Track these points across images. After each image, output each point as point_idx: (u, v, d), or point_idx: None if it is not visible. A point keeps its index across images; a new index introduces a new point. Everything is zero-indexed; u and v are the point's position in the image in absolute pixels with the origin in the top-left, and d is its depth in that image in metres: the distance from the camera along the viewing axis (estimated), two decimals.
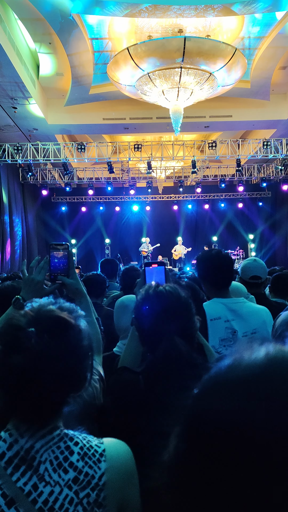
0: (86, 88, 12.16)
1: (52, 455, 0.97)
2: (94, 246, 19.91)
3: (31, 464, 0.95)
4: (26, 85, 10.84)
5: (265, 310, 2.46)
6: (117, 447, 1.09)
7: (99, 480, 0.99)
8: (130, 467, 1.08)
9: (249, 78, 12.02)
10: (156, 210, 19.86)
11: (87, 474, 0.98)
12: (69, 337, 1.01)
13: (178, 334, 1.39)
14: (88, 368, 1.06)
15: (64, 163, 14.81)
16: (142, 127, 14.63)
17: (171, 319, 1.42)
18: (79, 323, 1.06)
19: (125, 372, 1.53)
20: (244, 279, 3.33)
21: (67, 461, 0.98)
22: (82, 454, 1.00)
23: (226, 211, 19.92)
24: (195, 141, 16.59)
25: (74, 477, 0.97)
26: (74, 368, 1.01)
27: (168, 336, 1.38)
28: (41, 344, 0.96)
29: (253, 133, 16.62)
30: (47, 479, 0.95)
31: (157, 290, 1.50)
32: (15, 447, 0.96)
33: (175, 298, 1.48)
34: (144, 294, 1.53)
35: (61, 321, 1.02)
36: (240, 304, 2.42)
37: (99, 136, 16.41)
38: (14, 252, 15.70)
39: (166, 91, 10.65)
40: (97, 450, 1.03)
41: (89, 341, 1.07)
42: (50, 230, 19.70)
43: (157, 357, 1.36)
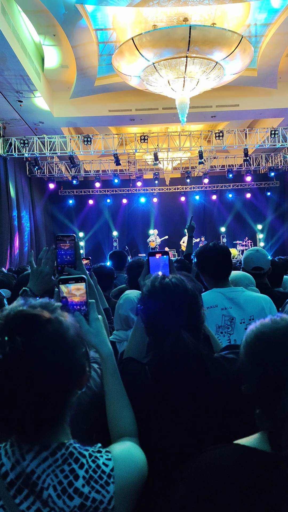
0: (91, 79, 12.09)
1: (55, 479, 0.92)
2: (102, 238, 19.93)
3: (33, 490, 0.91)
4: (31, 78, 10.81)
5: (264, 298, 2.49)
6: (127, 461, 1.02)
7: (108, 505, 0.94)
8: (141, 481, 1.03)
9: (256, 66, 11.86)
10: (163, 201, 19.79)
11: (95, 500, 0.93)
12: (47, 332, 0.92)
13: (185, 327, 1.38)
14: (83, 358, 0.99)
15: (71, 156, 14.79)
16: (148, 118, 14.53)
17: (178, 312, 1.40)
18: (56, 315, 0.97)
19: (132, 363, 1.52)
20: (246, 269, 3.31)
21: (71, 486, 0.92)
22: (87, 478, 0.94)
23: (234, 202, 19.81)
24: (202, 131, 16.46)
25: (80, 504, 0.92)
26: (62, 364, 0.93)
27: (174, 329, 1.36)
28: (16, 349, 0.87)
29: (261, 122, 16.44)
30: (51, 505, 0.91)
31: (163, 282, 1.48)
32: (18, 468, 0.92)
33: (181, 291, 1.45)
34: (150, 286, 1.50)
35: (32, 318, 0.92)
36: (238, 293, 2.47)
37: (105, 128, 16.34)
38: (22, 246, 15.77)
39: (171, 81, 10.54)
40: (104, 470, 0.96)
41: (76, 330, 0.99)
42: (58, 224, 19.75)
43: (164, 351, 1.35)
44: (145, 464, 1.06)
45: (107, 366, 1.30)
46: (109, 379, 1.29)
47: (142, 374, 1.44)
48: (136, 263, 3.91)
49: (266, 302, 2.48)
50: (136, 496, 1.02)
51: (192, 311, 1.45)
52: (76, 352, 0.97)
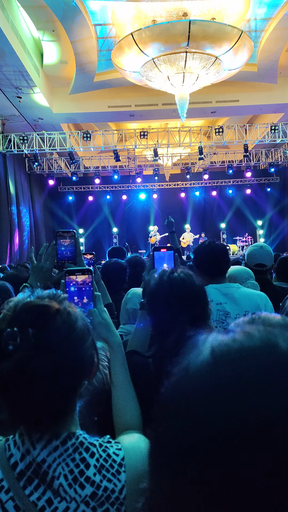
0: (90, 75, 12.03)
1: (66, 468, 0.91)
2: (102, 235, 19.92)
3: (44, 479, 0.90)
4: (30, 74, 10.75)
5: (259, 295, 2.52)
6: (137, 450, 1.01)
7: (119, 494, 0.93)
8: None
9: (256, 61, 11.81)
10: (163, 198, 19.76)
11: (106, 488, 0.92)
12: (57, 323, 0.91)
13: (190, 323, 1.37)
14: (91, 349, 0.98)
15: (70, 152, 14.75)
16: (148, 114, 14.48)
17: (184, 308, 1.40)
18: (64, 306, 0.96)
19: (134, 356, 1.52)
20: (249, 265, 3.30)
21: (83, 475, 0.92)
22: (99, 467, 0.93)
23: (234, 198, 19.78)
24: (202, 127, 16.41)
25: (92, 493, 0.91)
26: (73, 354, 0.93)
27: (179, 325, 1.36)
28: (27, 341, 0.87)
29: (261, 117, 16.39)
30: (62, 494, 0.89)
31: (171, 277, 1.47)
32: (28, 458, 0.91)
33: (189, 286, 1.45)
34: (158, 279, 1.50)
35: (42, 309, 0.92)
36: (233, 289, 2.51)
37: (105, 124, 16.29)
38: (22, 242, 15.76)
39: (171, 76, 10.50)
40: (115, 459, 0.96)
41: (83, 321, 0.99)
42: (57, 220, 19.74)
43: (169, 345, 1.34)
44: None
45: (116, 356, 1.30)
46: (117, 370, 1.28)
47: (145, 367, 1.44)
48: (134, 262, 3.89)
49: (262, 299, 2.50)
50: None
51: (199, 307, 1.45)
52: (85, 342, 0.97)
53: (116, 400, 1.26)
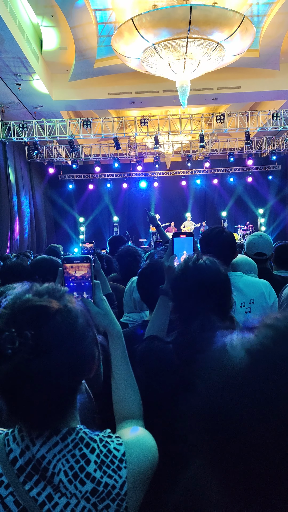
0: (90, 62, 11.89)
1: (66, 464, 0.90)
2: (102, 224, 19.87)
3: (44, 475, 0.89)
4: (29, 60, 10.62)
5: (263, 282, 2.51)
6: (138, 446, 1.01)
7: (120, 490, 0.92)
8: (152, 466, 1.01)
9: (258, 47, 11.65)
10: (164, 186, 19.67)
11: (107, 484, 0.91)
12: (56, 323, 0.89)
13: (214, 310, 1.37)
14: (92, 344, 0.97)
15: (70, 140, 14.64)
16: (149, 101, 14.34)
17: (209, 296, 1.40)
18: (64, 302, 0.94)
19: (155, 341, 1.53)
20: (248, 254, 3.28)
21: (83, 471, 0.91)
22: (99, 463, 0.92)
23: (235, 186, 19.69)
24: (203, 114, 16.27)
25: (92, 489, 0.90)
26: (74, 354, 0.90)
27: (204, 312, 1.36)
28: (26, 344, 0.84)
29: (262, 104, 16.23)
30: (62, 490, 0.89)
31: (197, 264, 1.47)
32: (27, 454, 0.90)
33: (214, 274, 1.45)
34: (183, 265, 1.49)
35: (41, 309, 0.89)
36: (237, 277, 2.48)
37: (105, 112, 16.15)
38: (22, 231, 15.73)
39: (172, 62, 10.36)
40: (116, 455, 0.95)
41: (84, 316, 0.96)
42: (58, 209, 19.70)
43: (193, 332, 1.34)
44: (156, 449, 1.04)
45: (116, 345, 1.27)
46: (118, 359, 1.27)
47: (166, 353, 1.44)
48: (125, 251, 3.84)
49: (266, 287, 2.50)
50: (148, 482, 1.00)
51: (223, 295, 1.45)
52: (86, 340, 0.95)
53: (117, 389, 1.25)
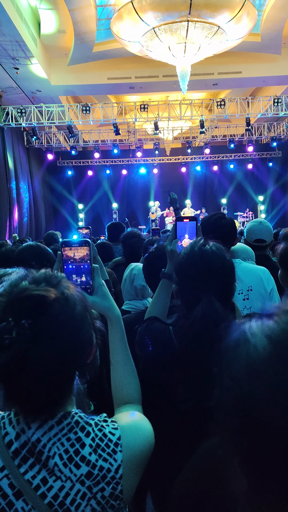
0: (89, 45, 11.72)
1: (61, 448, 0.91)
2: (101, 210, 19.80)
3: (39, 458, 0.90)
4: (27, 43, 10.47)
5: (261, 269, 2.51)
6: (134, 430, 1.01)
7: (115, 473, 0.93)
8: (148, 450, 1.01)
9: (260, 31, 11.49)
10: (164, 172, 19.56)
11: (102, 468, 0.92)
12: (54, 312, 0.88)
13: (217, 296, 1.38)
14: (90, 330, 0.96)
15: (69, 125, 14.51)
16: (148, 86, 14.18)
17: (213, 281, 1.40)
18: (62, 290, 0.93)
19: (156, 322, 1.54)
20: (248, 241, 3.27)
21: (78, 455, 0.91)
22: (94, 446, 0.93)
23: (235, 172, 19.59)
24: (203, 100, 16.10)
25: (87, 472, 0.91)
26: (72, 342, 0.90)
27: (207, 297, 1.36)
28: (23, 334, 0.84)
29: (263, 90, 16.07)
30: (57, 473, 0.90)
31: (203, 249, 1.47)
32: (23, 437, 0.91)
33: (220, 260, 1.45)
34: (189, 249, 1.49)
35: (38, 299, 0.88)
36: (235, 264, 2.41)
37: (104, 97, 15.99)
38: (22, 217, 15.67)
39: (172, 46, 10.21)
40: (111, 439, 0.95)
41: (82, 303, 0.96)
42: (56, 195, 19.61)
43: (195, 316, 1.35)
44: (152, 434, 1.05)
45: (115, 330, 1.26)
46: (117, 344, 1.26)
47: (166, 334, 1.46)
48: (131, 234, 3.85)
49: (264, 273, 2.50)
50: (143, 466, 1.01)
51: (227, 281, 1.46)
52: (84, 326, 0.95)
53: (116, 374, 1.25)
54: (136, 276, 2.74)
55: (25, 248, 2.43)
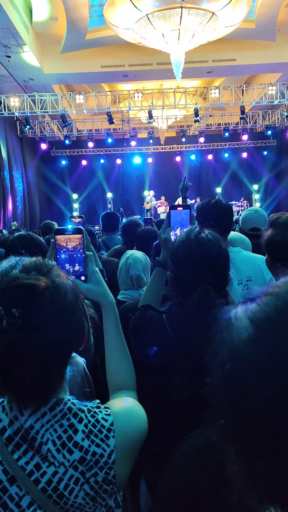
0: (82, 33, 11.58)
1: (54, 434, 0.92)
2: (96, 200, 19.72)
3: (32, 445, 0.91)
4: (19, 31, 10.32)
5: (261, 258, 2.47)
6: (126, 416, 1.02)
7: (108, 458, 0.93)
8: (141, 436, 1.02)
9: (254, 18, 11.38)
10: (158, 161, 19.48)
11: (95, 453, 0.93)
12: (45, 301, 0.88)
13: (213, 285, 1.38)
14: (82, 318, 0.96)
15: (63, 114, 14.38)
16: (142, 74, 14.06)
17: (209, 269, 1.40)
18: (52, 278, 0.93)
19: (149, 310, 1.54)
20: (244, 230, 3.27)
21: (71, 440, 0.92)
22: (87, 432, 0.94)
23: (230, 161, 19.53)
24: (198, 88, 15.99)
25: (80, 458, 0.92)
26: (63, 330, 0.90)
27: (203, 285, 1.36)
28: (14, 323, 0.84)
29: (258, 77, 15.97)
30: (50, 459, 0.91)
31: (199, 237, 1.46)
32: (16, 424, 0.92)
33: (216, 248, 1.44)
34: (185, 237, 1.48)
35: (29, 288, 0.87)
36: (235, 253, 2.45)
37: (98, 85, 15.83)
38: (15, 208, 15.59)
39: (166, 33, 10.11)
40: (104, 425, 0.96)
41: (73, 291, 0.96)
42: (51, 185, 19.49)
43: (191, 305, 1.35)
44: (145, 419, 1.06)
45: (109, 316, 1.27)
46: (111, 330, 1.26)
47: (159, 322, 1.46)
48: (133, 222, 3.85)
49: (263, 263, 2.47)
50: (136, 452, 1.01)
51: (222, 270, 1.46)
52: (76, 314, 0.94)
53: (110, 360, 1.26)
54: (132, 265, 2.73)
55: (16, 237, 2.42)
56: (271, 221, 1.87)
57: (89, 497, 0.92)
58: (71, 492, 0.91)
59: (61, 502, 0.91)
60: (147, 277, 2.72)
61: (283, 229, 1.77)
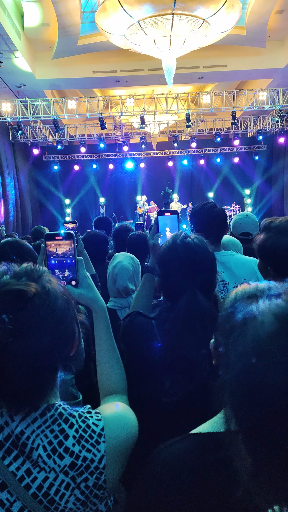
0: (74, 39, 11.61)
1: (45, 440, 0.92)
2: (88, 205, 19.69)
3: (23, 450, 0.91)
4: (11, 37, 10.32)
5: (254, 261, 2.48)
6: (117, 421, 1.02)
7: (99, 463, 0.94)
8: (132, 441, 1.03)
9: (245, 24, 11.48)
10: (150, 166, 19.52)
11: (85, 458, 0.93)
12: (35, 306, 0.89)
13: (200, 288, 1.38)
14: (73, 323, 0.97)
15: (55, 119, 14.39)
16: (134, 80, 14.11)
17: (196, 273, 1.40)
18: (43, 283, 0.93)
19: (139, 317, 1.54)
20: (235, 234, 3.29)
21: (62, 446, 0.92)
22: (78, 437, 0.94)
23: (221, 166, 19.63)
24: (189, 93, 16.08)
25: (71, 463, 0.92)
26: (53, 336, 0.91)
27: (190, 290, 1.37)
28: (3, 329, 0.85)
29: (249, 83, 16.09)
30: (41, 465, 0.91)
31: (185, 241, 1.47)
32: (6, 429, 0.92)
33: (202, 252, 1.45)
34: (171, 242, 1.49)
35: (18, 294, 0.88)
36: (229, 256, 2.46)
37: (90, 91, 15.86)
38: (8, 213, 15.52)
39: (157, 40, 10.15)
40: (94, 430, 0.96)
41: (64, 296, 0.96)
42: (43, 190, 19.45)
43: (179, 309, 1.36)
44: (136, 424, 1.06)
45: (100, 321, 1.27)
46: (102, 335, 1.27)
47: (149, 328, 1.46)
48: (124, 227, 3.86)
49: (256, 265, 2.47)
50: (127, 457, 1.02)
51: (210, 274, 1.46)
52: (66, 320, 0.95)
53: (101, 364, 1.27)
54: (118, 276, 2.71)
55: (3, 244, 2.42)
56: (264, 226, 1.88)
57: (79, 502, 0.93)
58: (61, 497, 0.91)
59: (52, 507, 0.91)
60: (138, 281, 2.72)
61: (276, 233, 1.77)
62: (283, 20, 11.70)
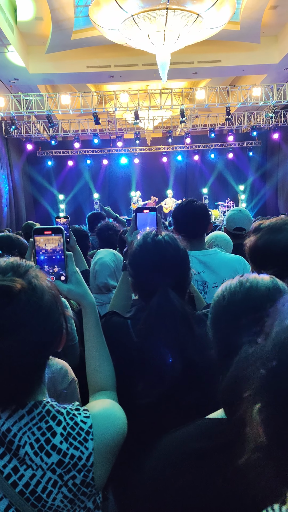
0: (67, 33, 11.53)
1: (32, 437, 0.91)
2: (82, 201, 19.62)
3: (9, 448, 0.90)
4: (3, 31, 10.23)
5: (237, 260, 2.45)
6: (106, 419, 1.02)
7: (86, 461, 0.94)
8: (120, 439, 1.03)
9: (239, 19, 11.46)
10: (145, 162, 19.47)
11: (73, 456, 0.93)
12: (20, 303, 0.88)
13: (172, 286, 1.37)
14: (60, 319, 0.96)
15: (48, 115, 14.31)
16: (128, 75, 14.06)
17: (168, 271, 1.39)
18: (29, 279, 0.92)
19: (114, 317, 1.53)
20: (228, 230, 3.30)
21: (49, 443, 0.92)
22: (65, 435, 0.94)
23: (216, 162, 19.62)
24: (183, 89, 16.05)
25: (58, 460, 0.92)
26: (40, 332, 0.90)
27: (162, 288, 1.35)
28: None
29: (243, 79, 16.09)
30: (28, 462, 0.90)
31: (156, 239, 1.45)
32: None
33: (173, 250, 1.43)
34: (142, 241, 1.47)
35: (3, 289, 0.87)
36: (211, 256, 2.43)
37: (84, 86, 15.79)
38: (1, 209, 15.45)
39: (151, 34, 10.12)
40: (82, 427, 0.96)
41: (50, 291, 0.95)
42: (37, 186, 19.34)
43: (151, 308, 1.34)
44: (125, 422, 1.06)
45: (89, 317, 1.27)
46: (91, 331, 1.27)
47: (124, 328, 1.45)
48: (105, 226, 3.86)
49: (240, 264, 2.45)
50: (115, 454, 1.02)
51: (182, 271, 1.44)
52: (53, 316, 0.94)
53: (90, 360, 1.26)
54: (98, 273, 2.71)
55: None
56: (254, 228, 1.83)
57: (67, 500, 0.92)
58: (49, 495, 0.91)
59: (39, 505, 0.90)
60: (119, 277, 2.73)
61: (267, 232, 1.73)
62: (277, 15, 11.68)
